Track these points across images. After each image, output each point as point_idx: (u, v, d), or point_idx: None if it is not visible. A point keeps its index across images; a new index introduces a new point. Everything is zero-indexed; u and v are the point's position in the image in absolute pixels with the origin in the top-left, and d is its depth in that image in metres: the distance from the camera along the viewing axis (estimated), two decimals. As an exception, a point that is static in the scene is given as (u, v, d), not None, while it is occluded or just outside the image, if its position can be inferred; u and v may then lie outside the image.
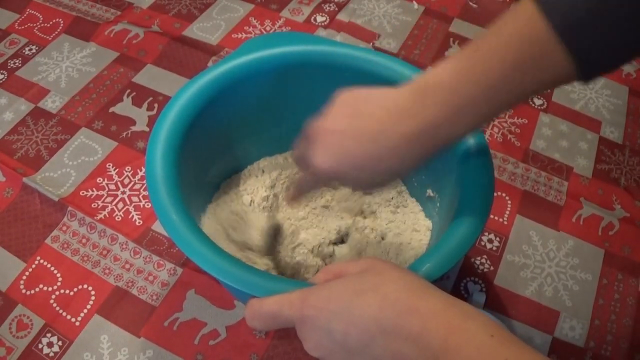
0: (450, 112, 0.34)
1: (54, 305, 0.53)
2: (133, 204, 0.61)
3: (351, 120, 0.37)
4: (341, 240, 0.56)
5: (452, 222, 0.43)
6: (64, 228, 0.58)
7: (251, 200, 0.57)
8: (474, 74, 0.33)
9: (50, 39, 0.79)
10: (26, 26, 0.81)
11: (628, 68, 0.80)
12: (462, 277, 0.57)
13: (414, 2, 0.86)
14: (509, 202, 0.63)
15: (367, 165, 0.37)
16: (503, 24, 0.33)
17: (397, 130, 0.35)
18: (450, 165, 0.48)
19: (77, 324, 0.52)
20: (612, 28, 0.30)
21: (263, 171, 0.60)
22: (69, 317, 0.53)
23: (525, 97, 0.35)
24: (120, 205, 0.60)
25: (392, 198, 0.58)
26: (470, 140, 0.47)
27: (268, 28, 0.81)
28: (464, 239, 0.41)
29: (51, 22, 0.81)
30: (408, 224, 0.56)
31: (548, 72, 0.32)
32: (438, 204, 0.53)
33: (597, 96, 0.76)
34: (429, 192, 0.55)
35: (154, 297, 0.54)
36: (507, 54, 0.32)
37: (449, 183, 0.49)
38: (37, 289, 0.54)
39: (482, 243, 0.59)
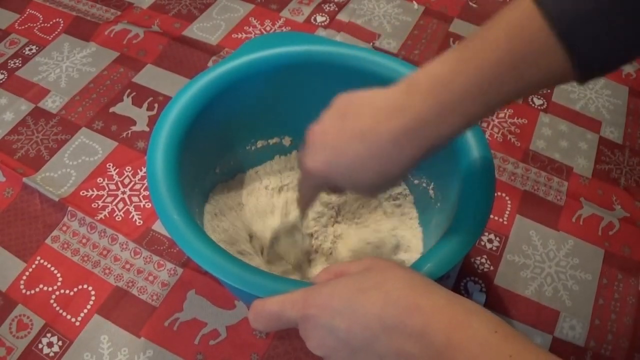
0: (439, 107, 0.33)
1: (54, 305, 0.53)
2: (133, 204, 0.61)
3: (341, 121, 0.37)
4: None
5: (452, 222, 0.43)
6: (64, 228, 0.58)
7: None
8: (467, 68, 0.32)
9: (50, 39, 0.78)
10: (26, 26, 0.81)
11: (628, 68, 0.80)
12: (462, 277, 0.57)
13: (414, 2, 0.86)
14: (509, 202, 0.63)
15: (357, 164, 0.36)
16: (498, 21, 0.32)
17: (385, 128, 0.35)
18: (451, 164, 0.48)
19: (77, 324, 0.52)
20: (613, 26, 0.29)
21: (263, 175, 0.60)
22: (69, 317, 0.52)
23: (518, 95, 0.33)
24: (121, 205, 0.60)
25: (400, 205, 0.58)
26: (472, 140, 0.47)
27: (268, 28, 0.81)
28: (464, 240, 0.41)
29: (51, 22, 0.81)
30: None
31: (544, 70, 0.31)
32: (438, 204, 0.53)
33: (597, 96, 0.76)
34: (431, 192, 0.55)
35: (154, 297, 0.54)
36: (502, 50, 0.31)
37: (450, 182, 0.49)
38: (37, 289, 0.54)
39: (482, 243, 0.59)
